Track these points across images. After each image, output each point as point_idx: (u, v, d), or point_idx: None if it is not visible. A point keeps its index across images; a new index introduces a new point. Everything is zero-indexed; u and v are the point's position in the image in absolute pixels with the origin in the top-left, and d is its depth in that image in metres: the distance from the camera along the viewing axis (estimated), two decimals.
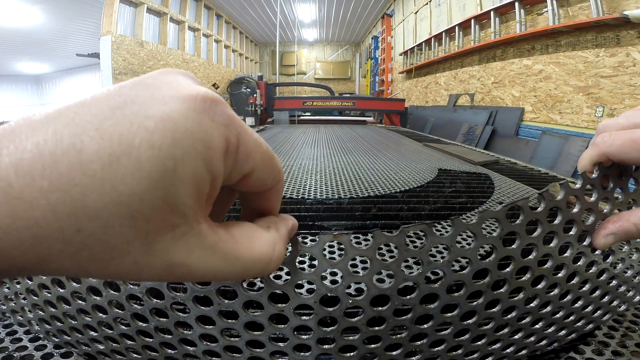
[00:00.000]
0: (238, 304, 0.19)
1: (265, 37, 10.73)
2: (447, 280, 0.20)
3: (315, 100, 4.11)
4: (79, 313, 0.24)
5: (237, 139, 0.12)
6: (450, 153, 1.24)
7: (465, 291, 0.21)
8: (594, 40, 2.40)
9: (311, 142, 1.61)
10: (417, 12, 5.87)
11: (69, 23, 6.80)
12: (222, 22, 7.75)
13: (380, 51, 7.77)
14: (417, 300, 0.20)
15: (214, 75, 7.02)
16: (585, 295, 0.24)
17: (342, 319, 0.20)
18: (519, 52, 3.22)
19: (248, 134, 0.12)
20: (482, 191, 0.75)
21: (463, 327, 0.22)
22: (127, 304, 0.21)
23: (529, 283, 0.21)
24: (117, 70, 4.04)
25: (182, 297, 0.20)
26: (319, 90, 6.34)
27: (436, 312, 0.21)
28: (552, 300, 0.23)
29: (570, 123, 2.61)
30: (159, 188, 0.10)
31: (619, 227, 0.20)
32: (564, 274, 0.22)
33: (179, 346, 0.22)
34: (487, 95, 3.73)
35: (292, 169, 0.97)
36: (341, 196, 0.69)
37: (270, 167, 0.14)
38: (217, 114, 0.11)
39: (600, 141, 0.20)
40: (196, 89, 0.11)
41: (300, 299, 0.19)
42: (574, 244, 0.21)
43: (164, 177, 0.10)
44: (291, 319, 0.20)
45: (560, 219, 0.20)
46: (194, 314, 0.20)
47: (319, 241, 0.18)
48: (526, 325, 0.23)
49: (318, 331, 0.20)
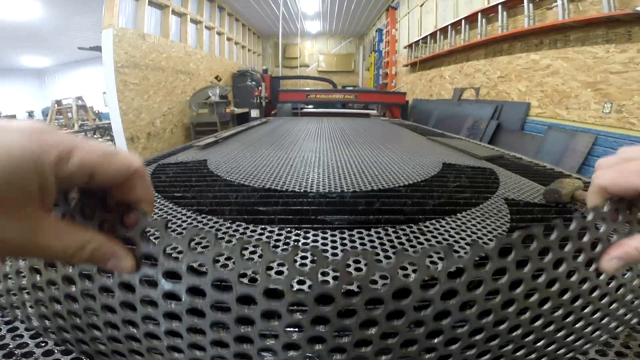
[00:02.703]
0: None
1: (268, 30, 10.62)
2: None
3: (318, 93, 4.09)
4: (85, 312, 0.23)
5: (69, 151, 0.16)
6: (455, 147, 1.22)
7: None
8: (604, 36, 2.35)
9: (314, 134, 1.59)
10: (422, 4, 5.78)
11: (70, 16, 6.76)
12: (225, 15, 7.67)
13: (384, 44, 7.67)
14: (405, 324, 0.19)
15: (216, 67, 6.97)
16: (587, 316, 0.25)
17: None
18: (526, 46, 3.16)
19: (79, 146, 0.17)
20: (486, 186, 0.74)
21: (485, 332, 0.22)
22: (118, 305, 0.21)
23: (535, 304, 0.23)
24: (119, 63, 4.01)
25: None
26: (322, 83, 6.29)
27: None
28: (555, 321, 0.24)
29: (577, 119, 2.57)
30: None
31: (621, 252, 0.22)
32: (569, 296, 0.23)
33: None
34: (492, 90, 3.69)
35: (294, 161, 0.96)
36: (344, 190, 0.68)
37: (112, 162, 0.18)
38: (47, 140, 0.16)
39: (596, 177, 0.23)
40: (33, 125, 0.16)
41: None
42: (581, 269, 0.23)
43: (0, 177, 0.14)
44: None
45: (570, 247, 0.22)
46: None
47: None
48: (529, 343, 0.24)
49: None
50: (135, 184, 0.19)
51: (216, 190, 0.69)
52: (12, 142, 0.15)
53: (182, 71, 5.56)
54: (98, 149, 0.18)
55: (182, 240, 0.19)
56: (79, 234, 0.18)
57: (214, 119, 5.26)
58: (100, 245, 0.19)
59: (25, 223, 0.16)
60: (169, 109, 5.16)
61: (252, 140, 1.44)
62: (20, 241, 0.16)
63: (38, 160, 0.15)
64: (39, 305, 0.26)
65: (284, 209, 0.58)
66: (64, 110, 7.66)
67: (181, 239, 0.19)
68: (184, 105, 5.58)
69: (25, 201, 0.16)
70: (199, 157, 1.03)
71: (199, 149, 1.20)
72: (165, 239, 0.20)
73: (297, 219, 0.54)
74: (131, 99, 4.26)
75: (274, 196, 0.65)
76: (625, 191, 0.22)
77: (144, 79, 4.50)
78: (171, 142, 5.10)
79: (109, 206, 0.20)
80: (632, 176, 0.21)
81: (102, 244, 0.19)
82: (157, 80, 4.82)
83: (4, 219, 0.15)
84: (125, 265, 0.20)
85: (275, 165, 0.91)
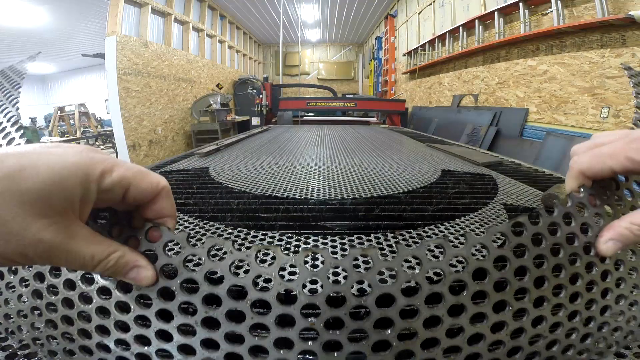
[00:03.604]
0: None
1: (269, 38, 10.75)
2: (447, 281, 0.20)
3: (318, 101, 4.13)
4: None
5: (111, 167, 0.19)
6: (454, 154, 1.23)
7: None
8: (599, 41, 2.38)
9: (314, 142, 1.61)
10: (420, 12, 5.86)
11: (74, 23, 6.85)
12: (226, 23, 7.78)
13: (383, 52, 7.75)
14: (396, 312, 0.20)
15: (217, 75, 7.04)
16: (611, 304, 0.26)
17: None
18: (523, 52, 3.20)
19: (120, 164, 0.20)
20: (485, 192, 0.75)
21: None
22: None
23: (549, 292, 0.23)
24: (122, 70, 4.06)
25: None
26: (322, 91, 6.34)
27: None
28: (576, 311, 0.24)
29: (575, 124, 2.59)
30: (45, 190, 0.16)
31: (613, 234, 0.23)
32: (581, 283, 0.24)
33: None
34: (491, 96, 3.71)
35: (295, 169, 0.97)
36: (344, 197, 0.69)
37: (144, 179, 0.21)
38: (95, 157, 0.19)
39: (573, 163, 0.24)
40: (84, 146, 0.19)
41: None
42: (582, 255, 0.24)
43: (51, 185, 0.17)
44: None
45: (561, 232, 0.23)
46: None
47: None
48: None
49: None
50: (162, 200, 0.22)
51: (218, 197, 0.70)
52: (67, 155, 0.18)
53: (184, 79, 5.62)
54: (134, 167, 0.20)
55: (201, 249, 0.20)
56: (106, 243, 0.20)
57: (215, 127, 5.30)
58: (124, 254, 0.20)
59: (63, 228, 0.18)
60: (171, 117, 5.20)
61: (253, 147, 1.45)
62: (54, 244, 0.17)
63: (85, 172, 0.18)
64: (49, 327, 0.26)
65: (285, 215, 0.59)
66: (66, 117, 7.71)
67: (200, 249, 0.21)
68: (186, 112, 5.63)
69: (68, 208, 0.18)
70: (200, 165, 1.05)
71: (200, 156, 1.21)
72: (186, 250, 0.21)
73: (297, 225, 0.54)
74: (133, 106, 4.30)
75: (274, 203, 0.66)
76: (602, 172, 0.23)
77: (146, 86, 4.54)
78: (173, 150, 5.13)
79: (135, 224, 0.22)
80: (605, 158, 0.22)
81: (126, 253, 0.21)
82: (159, 87, 4.87)
83: (46, 221, 0.17)
84: (146, 275, 0.21)
85: (276, 173, 0.92)
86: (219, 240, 0.20)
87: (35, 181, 0.16)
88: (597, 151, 0.23)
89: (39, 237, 0.17)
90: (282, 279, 0.20)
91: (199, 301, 0.21)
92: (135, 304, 0.22)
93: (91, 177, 0.18)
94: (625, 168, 0.22)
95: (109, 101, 4.15)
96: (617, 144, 0.23)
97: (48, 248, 0.17)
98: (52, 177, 0.17)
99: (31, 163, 0.16)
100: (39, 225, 0.17)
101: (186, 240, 0.21)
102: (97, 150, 0.19)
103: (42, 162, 0.17)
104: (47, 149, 0.18)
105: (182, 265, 0.21)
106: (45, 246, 0.17)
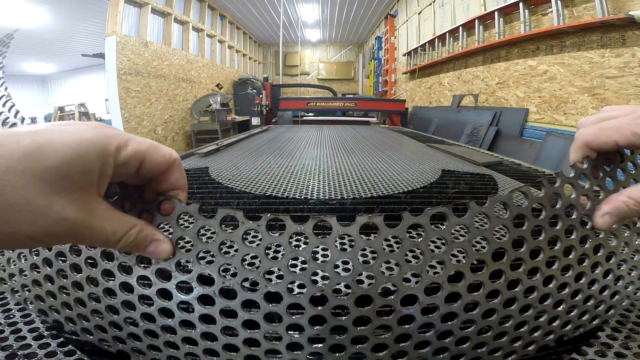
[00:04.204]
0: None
1: (269, 38, 10.75)
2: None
3: (318, 101, 4.13)
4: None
5: (126, 142, 0.19)
6: (454, 154, 1.24)
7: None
8: (599, 41, 2.38)
9: (314, 142, 1.61)
10: (420, 12, 5.86)
11: (74, 23, 6.85)
12: (226, 23, 7.78)
13: (383, 52, 7.75)
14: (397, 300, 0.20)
15: (217, 75, 7.04)
16: (599, 277, 0.26)
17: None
18: (523, 52, 3.20)
19: (133, 138, 0.20)
20: (485, 192, 0.75)
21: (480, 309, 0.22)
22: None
23: (542, 263, 0.24)
24: (122, 70, 4.06)
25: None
26: (322, 91, 6.35)
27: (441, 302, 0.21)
28: (568, 282, 0.25)
29: (575, 124, 2.58)
30: (65, 167, 0.16)
31: (610, 207, 0.23)
32: (574, 255, 0.24)
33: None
34: (491, 96, 3.71)
35: (295, 169, 0.97)
36: (344, 197, 0.69)
37: (157, 151, 0.21)
38: (108, 132, 0.19)
39: (579, 134, 0.24)
40: (98, 123, 0.19)
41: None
42: (577, 227, 0.24)
43: (71, 161, 0.17)
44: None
45: (560, 204, 0.23)
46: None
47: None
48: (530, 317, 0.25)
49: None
50: (175, 171, 0.22)
51: (218, 197, 0.70)
52: (83, 132, 0.18)
53: (184, 79, 5.62)
54: (146, 140, 0.21)
55: (214, 222, 0.21)
56: (125, 218, 0.20)
57: (215, 127, 5.30)
58: (142, 228, 0.21)
59: (84, 204, 0.18)
60: (171, 117, 5.20)
61: (253, 147, 1.45)
62: (78, 220, 0.17)
63: (102, 147, 0.18)
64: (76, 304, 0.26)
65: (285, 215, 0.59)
66: (66, 117, 7.73)
67: (214, 221, 0.21)
68: (186, 112, 5.63)
69: (88, 184, 0.18)
70: (200, 165, 1.05)
71: (200, 156, 1.21)
72: (199, 222, 0.21)
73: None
74: (133, 106, 4.30)
75: (275, 203, 0.66)
76: (606, 145, 0.23)
77: (146, 87, 4.55)
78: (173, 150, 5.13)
79: (147, 198, 0.22)
80: (611, 131, 0.23)
81: (144, 227, 0.21)
82: (159, 87, 4.87)
83: (69, 198, 0.17)
84: (164, 248, 0.21)
85: (276, 173, 0.92)
86: (231, 211, 0.21)
87: (55, 158, 0.16)
88: (604, 124, 0.23)
89: (63, 215, 0.17)
90: (297, 248, 0.22)
91: (216, 271, 0.22)
92: (156, 278, 0.23)
93: (108, 151, 0.18)
94: (630, 142, 0.22)
95: (109, 101, 4.15)
96: (625, 119, 0.23)
97: (72, 225, 0.17)
98: (70, 153, 0.16)
99: (47, 141, 0.16)
100: (63, 202, 0.17)
101: (198, 211, 0.21)
102: (108, 126, 0.19)
103: (57, 140, 0.17)
104: (60, 127, 0.18)
105: (197, 237, 0.21)
106: (70, 224, 0.17)
